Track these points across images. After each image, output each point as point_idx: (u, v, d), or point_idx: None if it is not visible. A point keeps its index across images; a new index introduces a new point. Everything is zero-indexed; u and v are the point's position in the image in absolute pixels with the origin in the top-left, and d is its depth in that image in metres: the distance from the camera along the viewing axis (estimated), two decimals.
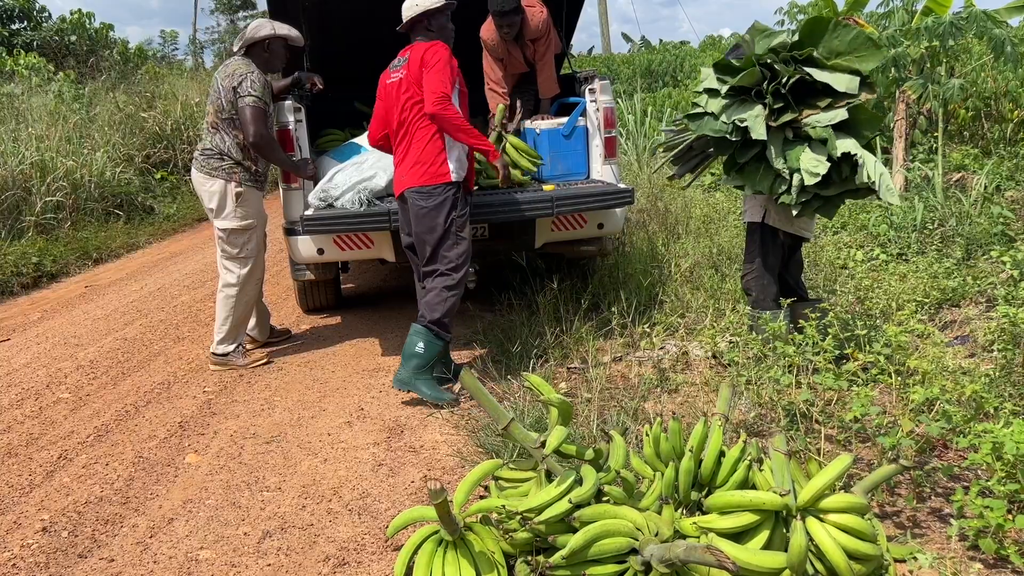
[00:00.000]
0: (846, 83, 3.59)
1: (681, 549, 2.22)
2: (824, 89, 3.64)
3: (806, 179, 3.58)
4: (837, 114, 3.60)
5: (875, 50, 3.61)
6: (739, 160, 3.76)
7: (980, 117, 9.13)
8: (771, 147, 3.64)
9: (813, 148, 3.62)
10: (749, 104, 3.69)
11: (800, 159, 3.60)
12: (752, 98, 3.71)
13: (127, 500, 3.34)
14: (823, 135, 3.58)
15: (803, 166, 3.58)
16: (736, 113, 3.68)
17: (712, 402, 3.76)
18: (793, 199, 3.65)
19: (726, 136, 3.71)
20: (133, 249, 9.31)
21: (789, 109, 3.65)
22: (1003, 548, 2.51)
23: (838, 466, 2.44)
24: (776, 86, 3.63)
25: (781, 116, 3.64)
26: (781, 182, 3.70)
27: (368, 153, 4.99)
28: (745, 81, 3.68)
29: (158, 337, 5.69)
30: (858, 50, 3.63)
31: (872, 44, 3.61)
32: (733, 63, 3.74)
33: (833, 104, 3.62)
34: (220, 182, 4.71)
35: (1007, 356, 3.66)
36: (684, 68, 18.10)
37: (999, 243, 5.82)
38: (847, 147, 3.56)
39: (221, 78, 4.65)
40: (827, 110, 3.62)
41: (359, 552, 2.88)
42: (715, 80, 3.79)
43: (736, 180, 3.86)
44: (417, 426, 3.92)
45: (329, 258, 4.97)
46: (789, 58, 3.68)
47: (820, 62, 3.66)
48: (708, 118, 3.77)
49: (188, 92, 14.25)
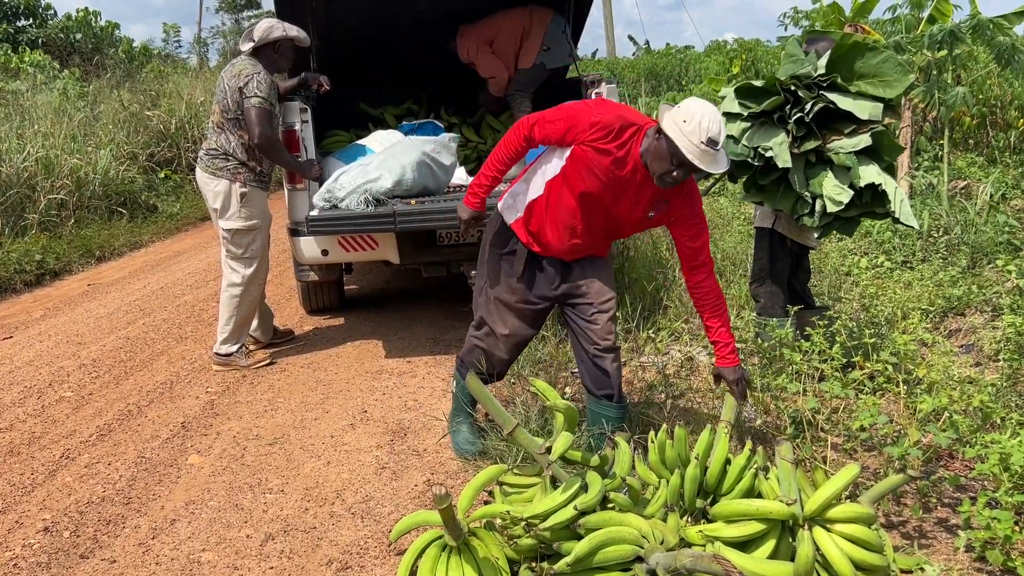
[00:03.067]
0: (869, 111, 3.53)
1: (687, 558, 2.22)
2: (847, 115, 3.59)
3: (829, 206, 3.56)
4: (861, 140, 3.55)
5: (902, 75, 3.53)
6: (760, 182, 3.72)
7: (985, 125, 9.11)
8: (794, 173, 3.61)
9: (836, 173, 3.59)
10: (771, 128, 3.65)
11: (823, 185, 3.57)
12: (774, 122, 3.66)
13: (129, 500, 3.33)
14: (847, 163, 3.55)
15: (826, 193, 3.56)
16: (758, 138, 3.63)
17: (717, 408, 3.75)
18: (815, 222, 3.64)
19: (747, 160, 3.68)
20: (136, 248, 9.30)
21: (812, 136, 3.60)
22: (1010, 560, 2.50)
23: (845, 476, 2.43)
24: (799, 112, 3.59)
25: (804, 143, 3.60)
26: (803, 203, 3.67)
27: (374, 155, 4.98)
28: (768, 107, 3.64)
29: (161, 336, 5.68)
30: (884, 74, 3.56)
31: (900, 68, 3.53)
32: (754, 85, 3.68)
33: (857, 130, 3.58)
34: (225, 182, 4.71)
35: (1013, 366, 3.64)
36: (688, 72, 18.11)
37: (1004, 252, 5.80)
38: (871, 176, 3.53)
39: (227, 78, 4.65)
40: (850, 136, 3.57)
41: (362, 556, 2.86)
42: (736, 104, 3.73)
43: (756, 197, 3.82)
44: (420, 429, 3.91)
45: (333, 259, 4.96)
46: (812, 83, 3.64)
47: (843, 87, 3.61)
48: (728, 141, 3.70)
49: (193, 91, 14.23)
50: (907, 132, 7.44)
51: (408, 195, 4.89)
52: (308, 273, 5.42)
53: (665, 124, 2.80)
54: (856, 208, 3.63)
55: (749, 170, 3.74)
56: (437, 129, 5.76)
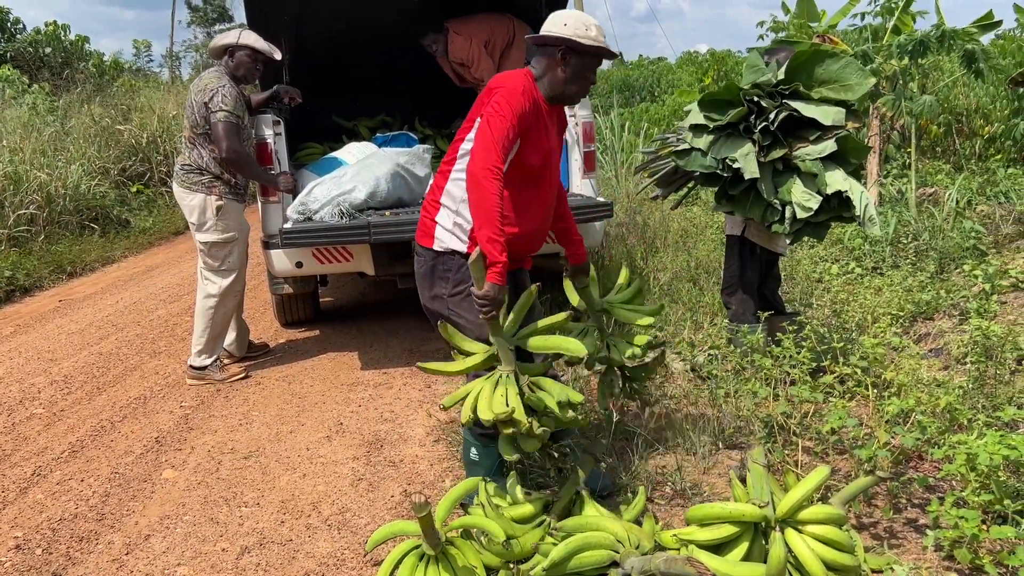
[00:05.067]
0: (832, 116, 3.59)
1: (661, 561, 2.24)
2: (811, 122, 3.64)
3: (798, 212, 3.61)
4: (826, 146, 3.61)
5: (863, 78, 3.60)
6: (730, 192, 3.77)
7: (951, 133, 9.29)
8: (762, 182, 3.67)
9: (803, 180, 3.64)
10: (737, 139, 3.69)
11: (791, 192, 3.62)
12: (740, 133, 3.71)
13: (103, 517, 3.30)
14: (813, 169, 3.60)
15: (795, 200, 3.61)
16: (725, 150, 3.68)
17: (692, 415, 3.78)
18: (786, 229, 3.70)
19: (716, 172, 3.72)
20: (108, 263, 9.21)
21: (778, 144, 3.66)
22: (978, 558, 2.54)
23: (816, 478, 2.47)
24: (763, 122, 3.64)
25: (771, 152, 3.65)
26: (773, 211, 3.72)
27: (347, 167, 4.99)
28: (732, 118, 3.69)
29: (134, 352, 5.63)
30: (844, 79, 3.62)
31: (860, 72, 3.59)
32: (718, 97, 3.73)
33: (822, 136, 3.63)
34: (201, 196, 4.69)
35: (980, 368, 3.71)
36: (661, 84, 18.27)
37: (971, 257, 5.91)
38: (837, 183, 3.59)
39: (194, 92, 4.64)
40: (816, 142, 3.63)
41: (338, 568, 2.86)
42: (702, 117, 3.77)
43: (727, 207, 3.87)
44: (397, 440, 3.91)
45: (308, 271, 4.95)
46: (775, 92, 3.70)
47: (806, 95, 3.67)
48: (696, 154, 3.75)
49: (165, 105, 14.16)
50: (876, 140, 7.57)
51: (382, 207, 4.90)
52: (282, 286, 5.40)
53: (572, 41, 2.77)
54: (825, 213, 3.69)
55: (719, 181, 3.79)
56: (411, 141, 5.78)
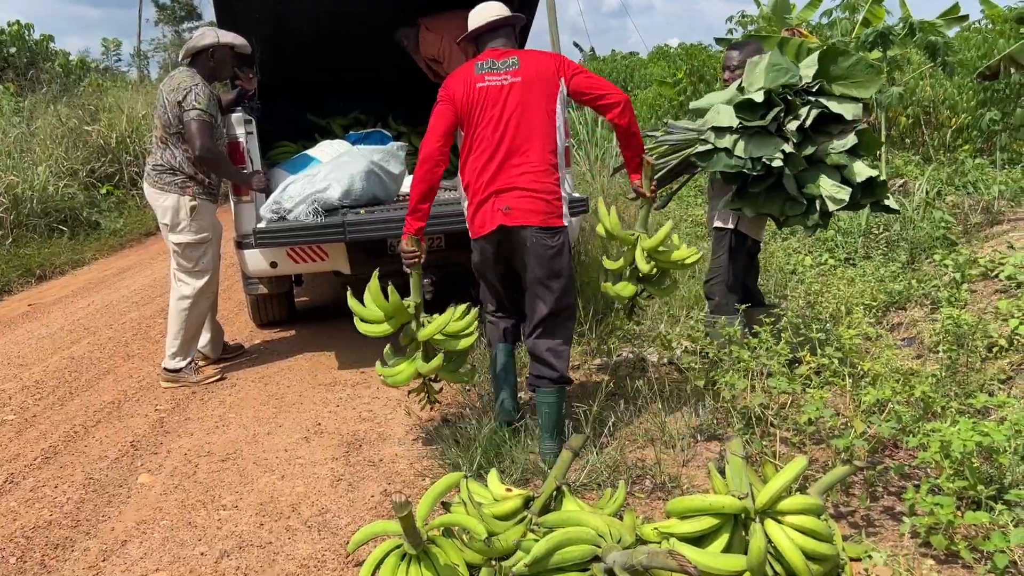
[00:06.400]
0: (853, 111, 3.64)
1: (643, 555, 2.24)
2: (835, 117, 3.68)
3: (830, 205, 3.65)
4: (849, 140, 3.67)
5: (873, 76, 3.67)
6: (752, 190, 3.76)
7: (920, 124, 9.40)
8: (788, 179, 3.68)
9: (828, 173, 3.69)
10: (766, 138, 3.67)
11: (820, 186, 3.66)
12: (768, 132, 3.69)
13: (78, 523, 3.25)
14: (841, 162, 3.65)
15: (826, 193, 3.65)
16: (755, 149, 3.65)
17: (670, 408, 3.80)
18: (816, 221, 3.73)
19: (742, 171, 3.68)
20: (79, 265, 9.08)
21: (809, 141, 3.68)
22: (953, 544, 2.58)
23: (794, 469, 2.48)
24: (794, 120, 3.65)
25: (803, 149, 3.67)
26: (793, 206, 3.73)
27: (321, 165, 4.95)
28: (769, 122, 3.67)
29: (107, 355, 5.56)
30: (855, 76, 3.66)
31: (870, 70, 3.66)
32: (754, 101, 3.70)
33: (844, 131, 3.68)
34: (174, 196, 4.64)
35: (952, 356, 3.76)
36: (634, 78, 18.33)
37: (941, 247, 5.99)
38: (865, 171, 3.65)
39: (166, 92, 4.58)
40: (839, 137, 3.68)
41: (319, 569, 2.84)
42: (730, 118, 3.69)
43: (736, 204, 3.86)
44: (376, 440, 3.89)
45: (282, 271, 4.91)
46: (801, 90, 3.72)
47: (830, 92, 3.70)
48: (721, 155, 3.70)
49: (134, 104, 13.97)
50: None
51: (357, 204, 4.87)
52: (257, 286, 5.36)
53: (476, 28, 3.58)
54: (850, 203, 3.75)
55: (739, 180, 3.78)
56: (385, 138, 5.75)
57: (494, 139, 3.39)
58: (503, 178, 3.39)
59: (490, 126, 3.39)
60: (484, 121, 3.40)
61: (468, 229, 3.60)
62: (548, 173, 3.41)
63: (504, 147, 3.38)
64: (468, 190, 3.54)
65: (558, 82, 3.45)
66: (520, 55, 3.49)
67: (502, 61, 3.45)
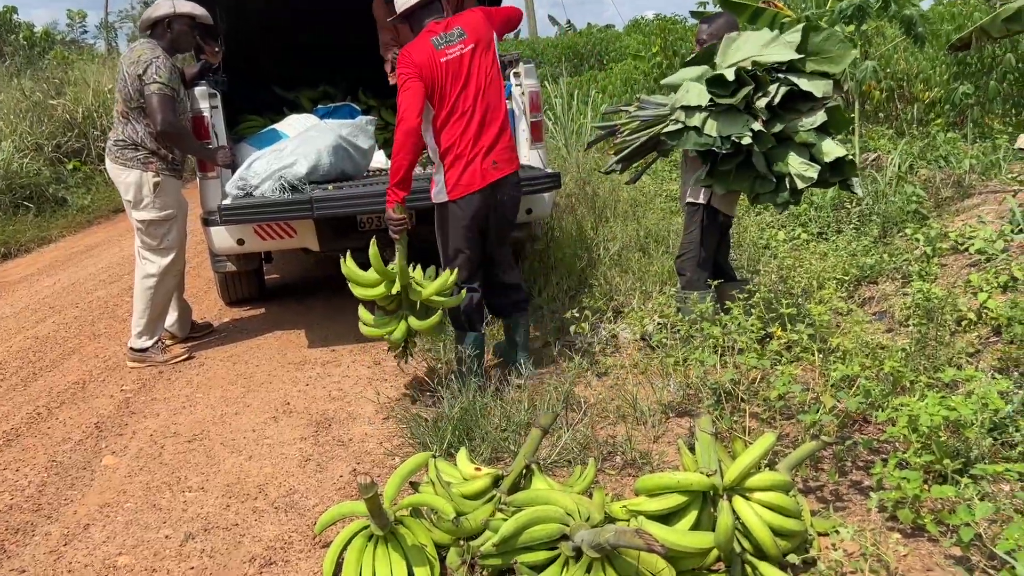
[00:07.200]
0: (823, 88, 3.59)
1: (610, 534, 2.23)
2: (804, 95, 3.62)
3: (799, 183, 3.62)
4: (818, 117, 3.62)
5: (845, 50, 3.60)
6: (722, 168, 3.71)
7: (894, 98, 9.41)
8: (757, 156, 3.64)
9: (797, 151, 3.65)
10: (735, 116, 3.62)
11: (789, 164, 3.62)
12: (735, 109, 3.63)
13: (39, 507, 3.19)
14: (809, 139, 3.62)
15: (794, 171, 3.61)
16: (725, 127, 3.59)
17: (642, 384, 3.79)
18: (786, 199, 3.69)
19: (712, 148, 3.63)
20: (45, 243, 8.91)
21: (778, 119, 3.63)
22: (920, 517, 2.59)
23: (762, 445, 2.48)
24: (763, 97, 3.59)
25: (771, 126, 3.62)
26: (762, 183, 3.69)
27: (288, 140, 4.86)
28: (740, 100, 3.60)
29: (72, 335, 5.46)
30: (828, 51, 3.61)
31: (843, 44, 3.59)
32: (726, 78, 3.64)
33: (813, 108, 3.63)
34: (136, 172, 4.53)
35: (922, 330, 3.77)
36: (609, 51, 18.20)
37: (913, 221, 6.00)
38: (835, 150, 3.61)
39: (126, 65, 4.45)
40: (808, 114, 3.63)
41: (286, 551, 2.80)
42: (700, 96, 3.63)
43: (707, 182, 3.82)
44: (345, 419, 3.85)
45: (250, 248, 4.82)
46: (771, 67, 3.65)
47: (800, 68, 3.64)
48: (691, 133, 3.64)
49: (100, 78, 13.65)
50: None
51: (325, 180, 4.79)
52: (225, 264, 5.27)
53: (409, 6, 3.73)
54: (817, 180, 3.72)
55: (710, 158, 3.73)
56: (354, 112, 5.65)
57: (469, 104, 3.71)
58: (485, 138, 3.74)
59: (464, 93, 3.69)
60: (456, 90, 3.68)
61: (444, 194, 3.78)
62: (508, 125, 3.90)
63: (480, 110, 3.72)
64: (449, 153, 3.73)
65: (492, 35, 3.82)
66: (460, 22, 3.76)
67: (449, 33, 3.72)
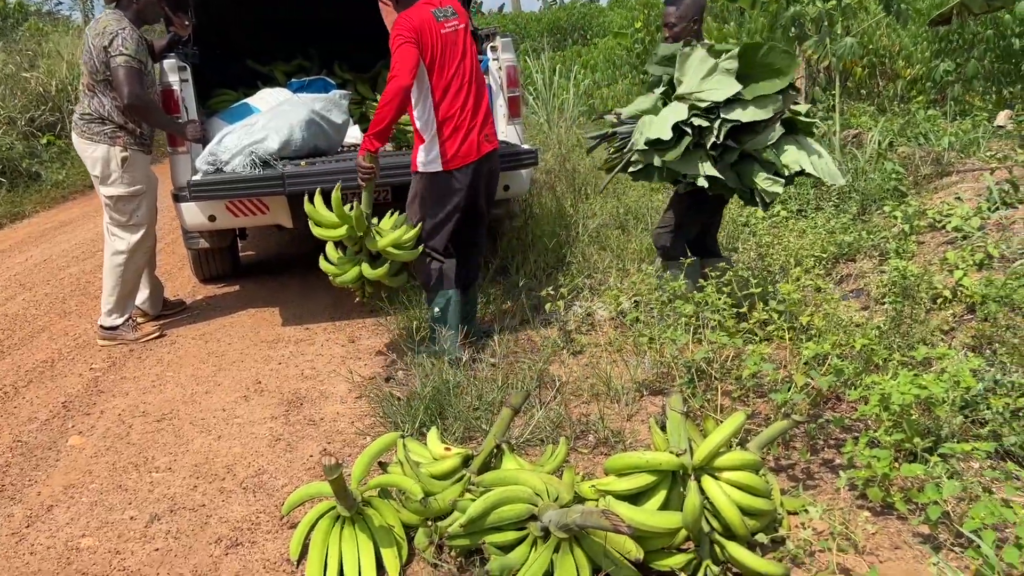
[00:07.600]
0: (771, 107, 3.54)
1: (577, 514, 2.21)
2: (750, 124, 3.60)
3: (767, 198, 3.70)
4: (775, 133, 3.62)
5: (789, 60, 3.55)
6: None
7: (875, 75, 9.38)
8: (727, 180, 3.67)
9: (763, 166, 3.66)
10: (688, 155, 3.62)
11: (756, 180, 3.64)
12: (688, 150, 3.62)
13: (2, 488, 3.14)
14: (770, 158, 3.64)
15: (760, 187, 3.64)
16: (682, 167, 3.63)
17: (616, 362, 3.77)
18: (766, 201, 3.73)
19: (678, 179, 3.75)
20: (17, 219, 8.76)
21: (729, 150, 3.63)
22: (889, 496, 2.59)
23: (731, 424, 2.46)
24: (712, 137, 3.58)
25: (725, 158, 3.64)
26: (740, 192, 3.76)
27: (259, 114, 4.77)
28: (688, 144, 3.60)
29: (43, 312, 5.37)
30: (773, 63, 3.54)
31: (785, 55, 3.54)
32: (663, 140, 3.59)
33: (767, 125, 3.59)
34: (103, 147, 4.43)
35: (897, 308, 3.76)
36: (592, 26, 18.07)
37: (892, 198, 5.99)
38: (796, 162, 3.62)
39: (91, 36, 4.34)
40: (763, 132, 3.60)
41: (253, 532, 2.77)
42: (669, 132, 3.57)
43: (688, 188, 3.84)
44: (317, 398, 3.80)
45: (222, 225, 4.74)
46: (707, 108, 3.59)
47: (739, 99, 3.57)
48: (655, 171, 3.71)
49: (74, 50, 13.38)
50: (802, 83, 7.59)
51: (298, 156, 4.71)
52: (198, 240, 5.19)
53: None
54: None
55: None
56: (328, 86, 5.56)
57: (468, 77, 3.80)
58: (480, 112, 3.84)
59: (462, 66, 3.78)
60: (455, 62, 3.76)
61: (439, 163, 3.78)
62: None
63: (474, 84, 3.83)
64: (447, 124, 3.74)
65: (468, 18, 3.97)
66: (450, 1, 3.84)
67: (445, 8, 3.77)
